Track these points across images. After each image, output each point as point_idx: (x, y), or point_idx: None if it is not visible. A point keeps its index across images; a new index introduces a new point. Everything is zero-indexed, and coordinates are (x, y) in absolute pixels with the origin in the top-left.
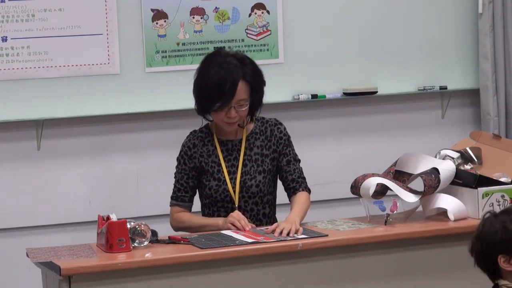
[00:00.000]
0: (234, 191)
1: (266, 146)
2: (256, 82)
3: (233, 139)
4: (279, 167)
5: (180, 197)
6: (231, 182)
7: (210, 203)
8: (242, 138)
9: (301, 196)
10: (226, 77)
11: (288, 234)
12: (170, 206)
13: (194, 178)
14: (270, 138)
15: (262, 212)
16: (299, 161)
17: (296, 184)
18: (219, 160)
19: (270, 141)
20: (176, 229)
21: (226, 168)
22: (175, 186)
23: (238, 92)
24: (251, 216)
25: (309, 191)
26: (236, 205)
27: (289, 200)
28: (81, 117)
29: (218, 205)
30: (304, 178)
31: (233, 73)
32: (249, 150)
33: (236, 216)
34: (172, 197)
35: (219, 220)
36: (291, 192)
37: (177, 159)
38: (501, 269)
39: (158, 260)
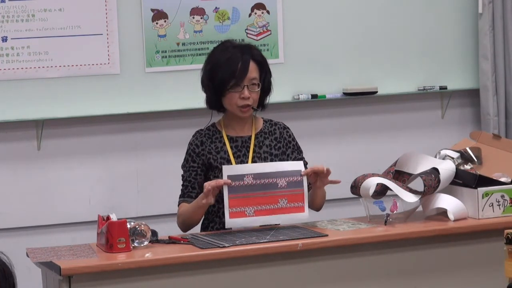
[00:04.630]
0: None
1: (275, 147)
2: (265, 62)
3: (243, 136)
4: None
5: (187, 193)
6: None
7: (216, 200)
8: (251, 135)
9: None
10: (237, 56)
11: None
12: (178, 206)
13: (202, 175)
14: (279, 140)
15: None
16: (307, 163)
17: None
18: (228, 156)
19: (280, 142)
20: (181, 226)
21: (236, 164)
22: (182, 185)
23: (250, 70)
24: None
25: None
26: None
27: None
28: (81, 117)
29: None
30: None
31: (243, 53)
32: (258, 147)
33: (208, 185)
34: (179, 196)
35: (198, 199)
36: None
37: (185, 158)
38: None
39: (158, 260)
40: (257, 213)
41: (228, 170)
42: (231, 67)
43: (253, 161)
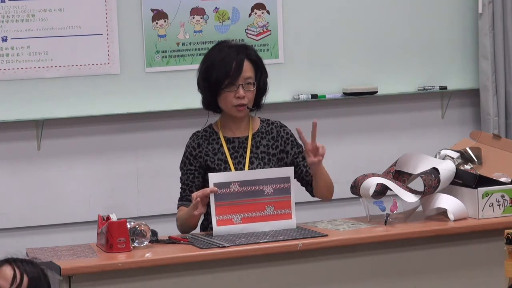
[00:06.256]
0: None
1: (272, 146)
2: (260, 61)
3: (240, 136)
4: (295, 164)
5: (185, 197)
6: None
7: None
8: (248, 136)
9: None
10: (232, 56)
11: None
12: (177, 209)
13: (199, 177)
14: (277, 139)
15: None
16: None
17: None
18: (225, 157)
19: (277, 141)
20: (180, 229)
21: (233, 165)
22: (181, 188)
23: (244, 70)
24: None
25: None
26: None
27: (312, 189)
28: (81, 117)
29: None
30: None
31: (238, 53)
32: (255, 148)
33: (195, 196)
34: (178, 200)
35: (190, 209)
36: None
37: (182, 161)
38: None
39: (158, 260)
40: (244, 220)
41: (214, 177)
42: (226, 67)
43: (251, 162)
